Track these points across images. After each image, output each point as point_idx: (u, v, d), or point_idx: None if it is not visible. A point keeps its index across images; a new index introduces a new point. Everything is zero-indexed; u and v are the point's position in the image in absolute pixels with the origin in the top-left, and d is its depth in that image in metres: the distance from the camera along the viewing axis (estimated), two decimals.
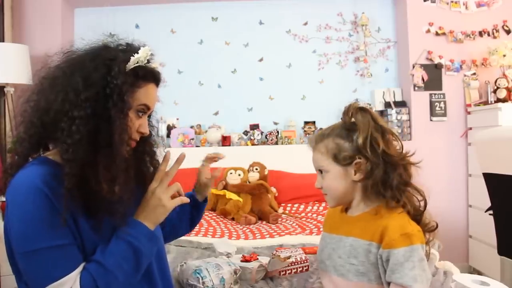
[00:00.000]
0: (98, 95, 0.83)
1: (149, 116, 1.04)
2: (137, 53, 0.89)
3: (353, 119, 0.95)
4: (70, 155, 0.80)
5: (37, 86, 0.89)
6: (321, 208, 2.60)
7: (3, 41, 2.76)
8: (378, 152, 0.91)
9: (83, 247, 0.83)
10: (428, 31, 3.02)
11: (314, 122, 3.15)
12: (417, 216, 0.94)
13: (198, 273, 1.34)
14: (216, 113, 3.25)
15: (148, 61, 0.94)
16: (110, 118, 0.83)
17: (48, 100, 0.85)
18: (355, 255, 0.93)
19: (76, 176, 0.79)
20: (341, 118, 1.00)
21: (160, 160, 1.05)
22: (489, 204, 1.74)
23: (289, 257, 1.39)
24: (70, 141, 0.80)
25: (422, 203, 0.95)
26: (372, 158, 0.91)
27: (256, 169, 2.69)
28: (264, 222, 2.40)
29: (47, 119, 0.84)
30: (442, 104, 2.99)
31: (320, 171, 0.99)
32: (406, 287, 0.84)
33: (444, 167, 2.97)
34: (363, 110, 0.96)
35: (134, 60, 0.88)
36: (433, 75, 3.01)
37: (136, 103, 0.90)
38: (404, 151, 0.96)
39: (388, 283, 0.88)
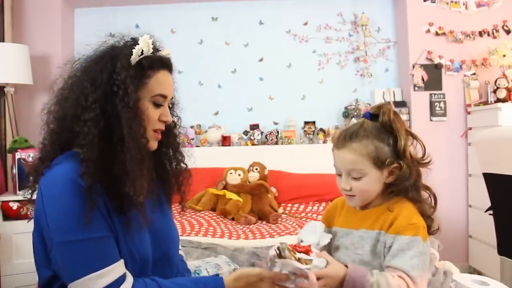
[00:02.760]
0: (105, 94, 0.87)
1: (172, 105, 1.06)
2: (138, 44, 0.90)
3: (393, 123, 0.93)
4: (85, 155, 0.83)
5: (56, 97, 0.94)
6: (321, 208, 2.60)
7: (3, 41, 2.76)
8: (412, 157, 0.94)
9: (117, 242, 0.86)
10: (428, 31, 3.02)
11: (314, 122, 3.15)
12: (427, 220, 0.95)
13: (198, 273, 1.33)
14: (216, 113, 3.25)
15: (158, 50, 0.97)
16: (118, 113, 0.85)
17: (64, 108, 0.90)
18: (362, 246, 0.95)
19: (92, 175, 0.82)
20: (364, 117, 0.97)
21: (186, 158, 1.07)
22: (489, 204, 1.74)
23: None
24: (85, 142, 0.84)
25: (432, 204, 0.97)
26: (410, 163, 0.93)
27: (256, 169, 2.69)
28: (264, 222, 2.40)
29: (65, 126, 0.89)
30: (442, 104, 2.99)
31: (349, 172, 0.94)
32: (404, 271, 0.85)
33: (444, 167, 2.97)
34: (397, 115, 0.95)
35: (137, 52, 0.90)
36: (433, 75, 3.01)
37: (149, 94, 0.92)
38: (425, 155, 0.97)
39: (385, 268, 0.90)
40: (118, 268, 0.84)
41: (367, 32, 3.14)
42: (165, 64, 0.96)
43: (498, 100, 2.69)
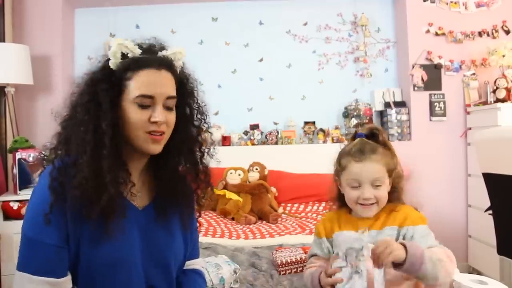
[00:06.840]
0: (89, 103, 0.86)
1: (191, 110, 1.06)
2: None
3: (387, 141, 1.14)
4: (76, 159, 0.85)
5: (59, 117, 0.94)
6: (321, 208, 2.60)
7: (3, 41, 2.76)
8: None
9: (78, 254, 0.84)
10: (428, 31, 3.02)
11: (314, 122, 3.15)
12: None
13: None
14: (216, 113, 3.26)
15: (157, 52, 0.95)
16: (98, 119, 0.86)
17: (63, 126, 0.91)
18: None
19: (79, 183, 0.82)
20: (360, 136, 1.14)
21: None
22: (488, 204, 1.75)
23: None
24: (74, 150, 0.86)
25: None
26: (402, 173, 1.14)
27: (256, 169, 2.69)
28: (264, 222, 2.40)
29: (61, 141, 0.90)
30: (441, 104, 2.99)
31: (373, 181, 1.07)
32: (441, 247, 1.01)
33: (443, 167, 2.97)
34: None
35: (113, 55, 0.87)
36: (433, 75, 3.01)
37: (130, 96, 0.87)
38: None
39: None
40: (54, 285, 0.81)
41: (367, 32, 3.15)
42: (148, 63, 0.88)
43: (498, 100, 2.69)
